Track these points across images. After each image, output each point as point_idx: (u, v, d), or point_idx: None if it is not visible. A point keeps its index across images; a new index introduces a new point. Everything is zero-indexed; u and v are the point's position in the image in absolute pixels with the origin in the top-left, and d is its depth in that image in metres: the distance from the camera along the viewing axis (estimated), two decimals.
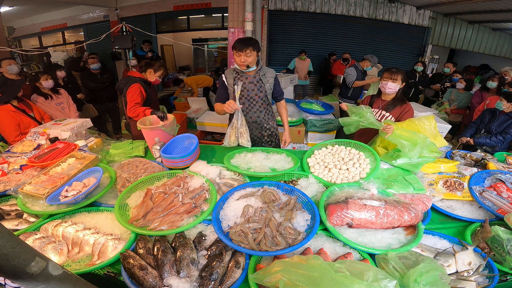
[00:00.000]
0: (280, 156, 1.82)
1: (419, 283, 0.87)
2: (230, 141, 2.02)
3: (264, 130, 2.20)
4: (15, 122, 2.26)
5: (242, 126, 1.97)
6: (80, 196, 1.31)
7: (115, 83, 4.45)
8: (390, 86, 2.06)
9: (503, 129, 2.87)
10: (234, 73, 2.05)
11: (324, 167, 1.68)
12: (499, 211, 1.38)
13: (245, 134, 1.99)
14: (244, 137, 1.99)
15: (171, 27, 8.24)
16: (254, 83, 2.05)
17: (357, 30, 6.76)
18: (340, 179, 1.57)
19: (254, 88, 2.06)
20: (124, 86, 2.37)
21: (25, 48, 7.87)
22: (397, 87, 2.07)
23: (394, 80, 2.05)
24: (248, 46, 1.89)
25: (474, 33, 6.85)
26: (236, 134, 1.99)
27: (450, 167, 1.70)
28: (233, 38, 3.32)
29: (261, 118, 2.16)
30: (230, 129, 2.02)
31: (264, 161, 1.77)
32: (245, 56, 1.90)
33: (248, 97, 2.07)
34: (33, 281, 0.58)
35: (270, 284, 0.84)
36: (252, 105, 2.10)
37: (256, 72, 2.05)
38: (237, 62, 1.94)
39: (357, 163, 1.67)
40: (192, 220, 1.22)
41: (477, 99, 4.04)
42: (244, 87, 2.03)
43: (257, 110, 2.13)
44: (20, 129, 2.30)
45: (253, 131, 2.17)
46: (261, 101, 2.11)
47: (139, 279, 0.94)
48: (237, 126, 1.97)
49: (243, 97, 2.06)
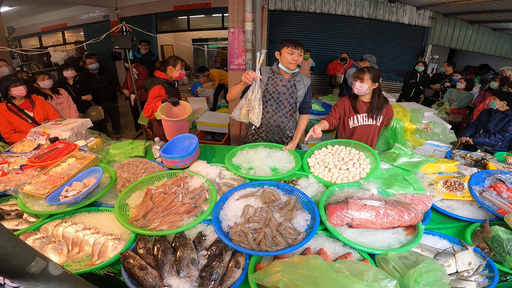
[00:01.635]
0: (282, 154, 1.81)
1: (419, 283, 0.87)
2: (240, 114, 1.86)
3: (285, 136, 2.14)
4: (5, 120, 2.39)
5: (256, 100, 1.80)
6: (80, 196, 1.31)
7: (114, 83, 4.45)
8: (358, 86, 2.03)
9: (501, 128, 2.88)
10: (270, 72, 1.99)
11: (324, 167, 1.68)
12: (499, 211, 1.38)
13: (257, 110, 1.82)
14: (254, 113, 1.83)
15: (171, 27, 8.23)
16: (288, 87, 1.98)
17: (357, 30, 6.75)
18: (340, 179, 1.57)
19: (286, 92, 1.99)
20: (149, 87, 2.37)
21: (25, 48, 7.88)
22: (366, 87, 2.00)
23: (361, 80, 2.00)
24: (303, 46, 1.87)
25: (474, 33, 6.84)
26: (248, 107, 1.83)
27: (450, 167, 1.70)
28: (233, 38, 3.32)
29: (285, 124, 2.10)
30: (243, 101, 1.85)
31: (266, 160, 1.75)
32: (298, 55, 1.86)
33: (277, 100, 2.00)
34: (33, 281, 0.58)
35: (270, 284, 0.84)
36: (279, 109, 2.03)
37: (291, 77, 1.99)
38: (287, 59, 1.86)
39: (357, 163, 1.67)
40: (192, 220, 1.22)
41: (479, 99, 4.05)
42: (276, 88, 1.98)
43: (283, 115, 2.06)
44: (12, 126, 2.41)
45: (274, 135, 2.12)
46: (289, 106, 2.04)
47: (139, 279, 0.94)
48: (250, 99, 1.81)
49: (272, 99, 2.00)
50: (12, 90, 2.36)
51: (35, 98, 2.56)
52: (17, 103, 2.44)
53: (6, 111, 2.38)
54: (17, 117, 2.41)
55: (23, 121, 2.43)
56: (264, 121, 2.07)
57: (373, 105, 2.09)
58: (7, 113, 2.38)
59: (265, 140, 2.14)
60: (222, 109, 5.04)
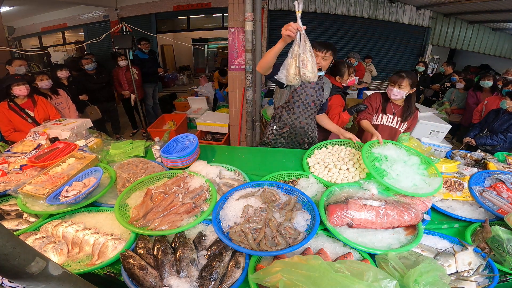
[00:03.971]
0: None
1: (419, 283, 0.87)
2: (289, 74, 1.53)
3: (306, 137, 2.14)
4: (6, 118, 2.41)
5: (306, 52, 1.49)
6: (80, 196, 1.31)
7: (112, 84, 4.44)
8: (396, 92, 2.01)
9: (504, 128, 2.87)
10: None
11: (324, 167, 1.68)
12: (499, 211, 1.38)
13: (310, 62, 1.50)
14: (307, 67, 1.50)
15: (171, 27, 8.24)
16: (316, 89, 1.97)
17: (357, 30, 6.75)
18: (340, 179, 1.57)
19: (314, 94, 1.97)
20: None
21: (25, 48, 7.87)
22: (404, 93, 1.99)
23: (399, 86, 1.99)
24: (329, 49, 1.84)
25: (474, 33, 6.84)
26: (297, 63, 1.52)
27: (450, 167, 1.69)
28: (233, 38, 3.31)
29: (309, 125, 2.09)
30: (289, 59, 1.53)
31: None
32: (321, 58, 1.84)
33: (304, 102, 1.98)
34: (33, 281, 0.58)
35: (270, 284, 0.84)
36: (306, 110, 2.02)
37: (320, 79, 1.97)
38: None
39: (357, 163, 1.67)
40: (192, 220, 1.22)
41: (472, 99, 4.03)
42: (304, 90, 1.95)
43: (308, 117, 2.05)
44: (12, 125, 2.43)
45: (297, 136, 2.11)
46: (315, 108, 2.04)
47: (139, 279, 0.94)
48: (298, 53, 1.50)
49: (299, 100, 1.97)
50: (14, 89, 2.37)
51: (37, 98, 2.57)
52: (19, 102, 2.45)
53: (7, 110, 2.39)
54: (17, 116, 2.42)
55: (23, 120, 2.44)
56: (289, 122, 2.06)
57: (404, 110, 2.07)
58: (8, 112, 2.39)
59: (287, 140, 2.14)
60: (222, 109, 5.04)
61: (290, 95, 1.98)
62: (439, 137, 3.22)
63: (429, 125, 3.02)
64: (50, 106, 2.65)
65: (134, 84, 4.31)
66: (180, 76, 9.78)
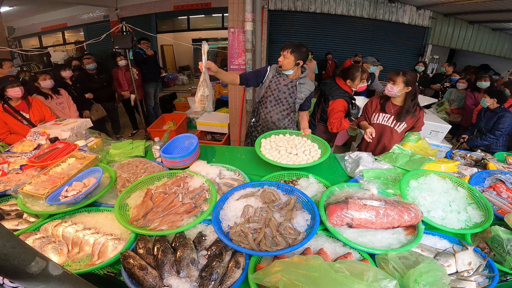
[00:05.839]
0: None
1: (419, 283, 0.87)
2: (197, 97, 1.78)
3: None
4: (1, 121, 2.37)
5: (208, 85, 1.74)
6: (80, 196, 1.31)
7: (112, 83, 4.44)
8: (389, 87, 2.05)
9: (491, 127, 2.83)
10: (275, 72, 2.10)
11: (275, 149, 1.77)
12: (499, 211, 1.38)
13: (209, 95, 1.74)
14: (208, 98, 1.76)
15: (171, 27, 8.24)
16: (289, 87, 2.08)
17: (357, 30, 6.76)
18: (285, 161, 1.66)
19: (286, 91, 2.09)
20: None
21: (25, 48, 7.88)
22: (396, 89, 2.00)
23: (393, 82, 2.01)
24: (288, 48, 1.93)
25: (474, 33, 6.84)
26: (201, 92, 1.76)
27: (450, 167, 1.69)
28: (233, 38, 3.31)
29: (280, 121, 2.19)
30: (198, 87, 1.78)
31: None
32: (282, 56, 1.96)
33: (276, 97, 2.11)
34: (33, 281, 0.58)
35: (270, 284, 0.84)
36: (277, 106, 2.14)
37: (296, 78, 2.08)
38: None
39: (307, 150, 1.76)
40: (192, 220, 1.22)
41: (470, 100, 4.01)
42: (277, 87, 2.08)
43: (279, 113, 2.16)
44: (7, 127, 2.40)
45: (269, 130, 2.17)
46: (287, 105, 2.14)
47: (139, 279, 0.94)
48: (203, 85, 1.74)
49: (271, 95, 2.11)
50: (8, 91, 2.32)
51: (31, 100, 2.53)
52: (14, 104, 2.41)
53: (1, 112, 2.34)
54: (12, 118, 2.38)
55: (18, 122, 2.40)
56: (262, 116, 2.22)
57: (401, 109, 2.08)
58: (2, 114, 2.35)
59: (260, 133, 2.26)
60: (222, 109, 5.04)
61: (265, 90, 2.12)
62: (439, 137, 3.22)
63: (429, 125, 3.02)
64: (45, 107, 2.62)
65: (134, 84, 4.30)
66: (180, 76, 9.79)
